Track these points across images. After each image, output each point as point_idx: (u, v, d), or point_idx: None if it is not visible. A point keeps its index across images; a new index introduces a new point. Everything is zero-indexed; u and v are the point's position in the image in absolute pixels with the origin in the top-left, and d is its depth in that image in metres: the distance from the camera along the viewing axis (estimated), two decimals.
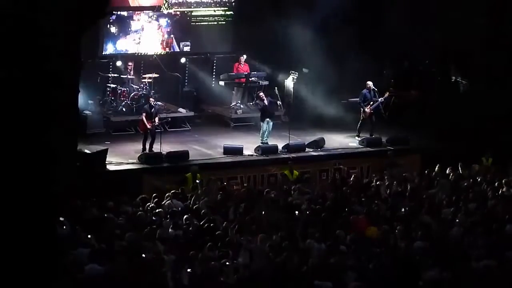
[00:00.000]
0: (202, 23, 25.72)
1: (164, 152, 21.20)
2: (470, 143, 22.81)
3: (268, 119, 22.81)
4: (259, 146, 22.39)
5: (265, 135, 22.82)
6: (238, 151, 22.13)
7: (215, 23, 25.87)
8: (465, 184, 19.60)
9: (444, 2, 25.53)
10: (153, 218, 16.50)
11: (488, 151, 22.30)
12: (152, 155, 21.19)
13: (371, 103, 23.82)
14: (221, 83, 25.82)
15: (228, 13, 25.92)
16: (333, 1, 24.56)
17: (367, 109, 23.75)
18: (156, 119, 21.66)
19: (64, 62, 9.39)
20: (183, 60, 25.93)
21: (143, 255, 13.87)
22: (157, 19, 24.99)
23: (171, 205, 17.49)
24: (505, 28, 24.66)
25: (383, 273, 13.49)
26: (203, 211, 16.88)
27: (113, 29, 24.25)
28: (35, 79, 9.21)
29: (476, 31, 24.68)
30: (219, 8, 25.86)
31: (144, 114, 21.81)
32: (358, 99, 24.00)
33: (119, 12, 24.23)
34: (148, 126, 21.48)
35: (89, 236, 14.78)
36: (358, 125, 24.08)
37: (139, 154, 21.05)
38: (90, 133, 22.47)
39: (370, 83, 23.93)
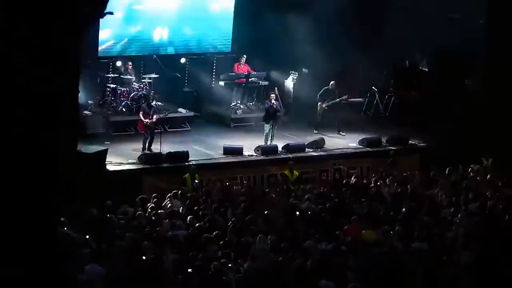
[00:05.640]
0: None
1: (164, 152, 21.19)
2: (470, 143, 22.79)
3: (272, 121, 22.81)
4: (259, 146, 22.38)
5: (268, 139, 22.80)
6: (238, 151, 22.11)
7: None
8: (465, 184, 19.59)
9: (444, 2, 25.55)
10: (153, 218, 16.50)
11: (488, 151, 22.29)
12: (152, 155, 21.18)
13: (327, 100, 24.35)
14: (221, 83, 25.81)
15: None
16: (334, 1, 24.56)
17: (324, 105, 24.17)
18: (154, 117, 21.65)
19: (63, 64, 9.39)
20: (183, 60, 25.94)
21: (143, 255, 13.86)
22: None
23: (171, 205, 17.49)
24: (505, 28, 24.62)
25: (383, 274, 13.49)
26: (203, 211, 16.88)
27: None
28: (35, 80, 9.21)
29: (477, 31, 24.66)
30: None
31: (141, 112, 21.83)
32: (341, 97, 24.47)
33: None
34: (145, 122, 21.47)
35: (88, 236, 14.78)
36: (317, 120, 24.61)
37: (139, 154, 21.05)
38: (90, 133, 22.44)
39: (333, 83, 24.45)
